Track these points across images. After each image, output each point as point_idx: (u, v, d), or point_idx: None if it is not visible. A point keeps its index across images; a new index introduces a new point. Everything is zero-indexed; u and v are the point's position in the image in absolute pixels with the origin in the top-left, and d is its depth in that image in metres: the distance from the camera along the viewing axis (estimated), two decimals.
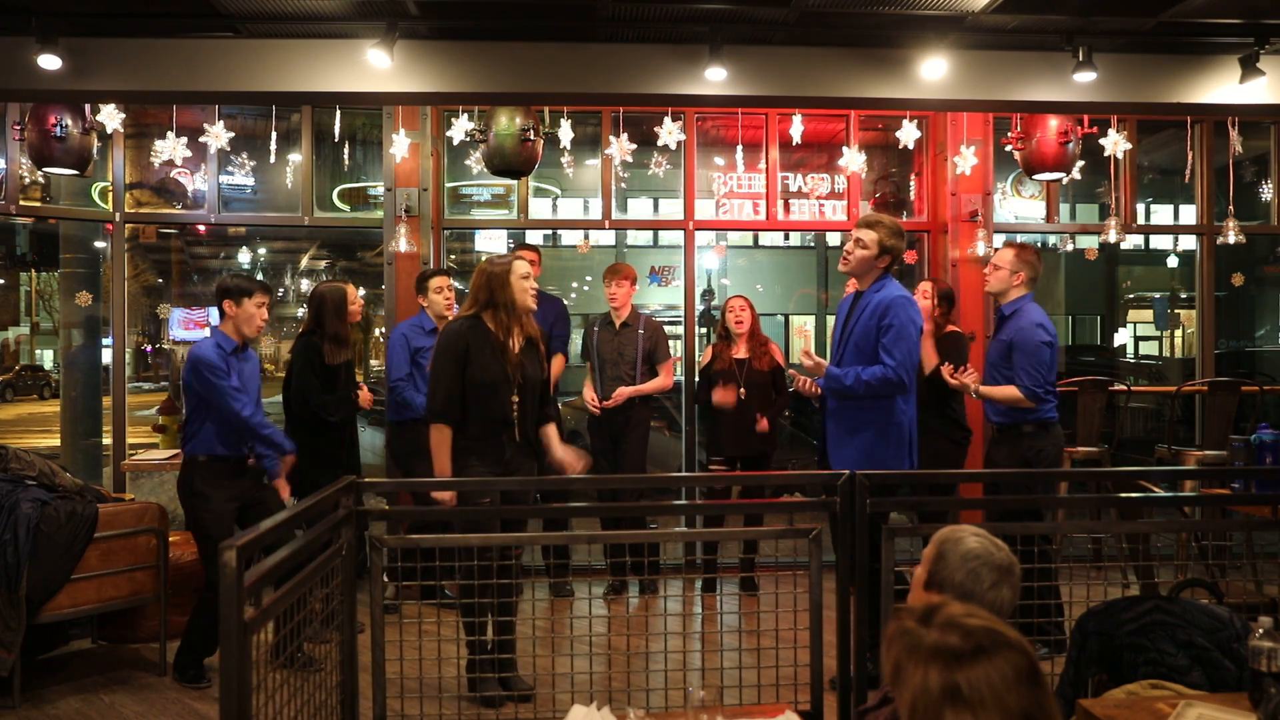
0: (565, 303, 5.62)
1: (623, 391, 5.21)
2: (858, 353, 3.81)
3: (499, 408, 3.67)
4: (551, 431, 3.92)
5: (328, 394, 4.49)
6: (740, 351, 5.26)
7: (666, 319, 5.70)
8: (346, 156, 5.96)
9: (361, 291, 5.32)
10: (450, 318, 4.96)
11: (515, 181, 6.06)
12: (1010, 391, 4.19)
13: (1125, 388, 5.81)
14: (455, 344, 3.67)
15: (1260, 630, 1.99)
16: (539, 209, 6.70)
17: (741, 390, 5.16)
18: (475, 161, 5.89)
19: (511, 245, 7.38)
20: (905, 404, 3.82)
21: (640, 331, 5.32)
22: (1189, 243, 7.14)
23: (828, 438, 3.93)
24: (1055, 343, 4.23)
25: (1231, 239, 5.85)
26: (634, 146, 5.47)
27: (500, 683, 3.68)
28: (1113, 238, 5.81)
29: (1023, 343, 4.17)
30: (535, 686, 3.67)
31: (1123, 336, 13.00)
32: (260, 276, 10.41)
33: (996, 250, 4.51)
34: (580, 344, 5.75)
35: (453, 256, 6.30)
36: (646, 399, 5.35)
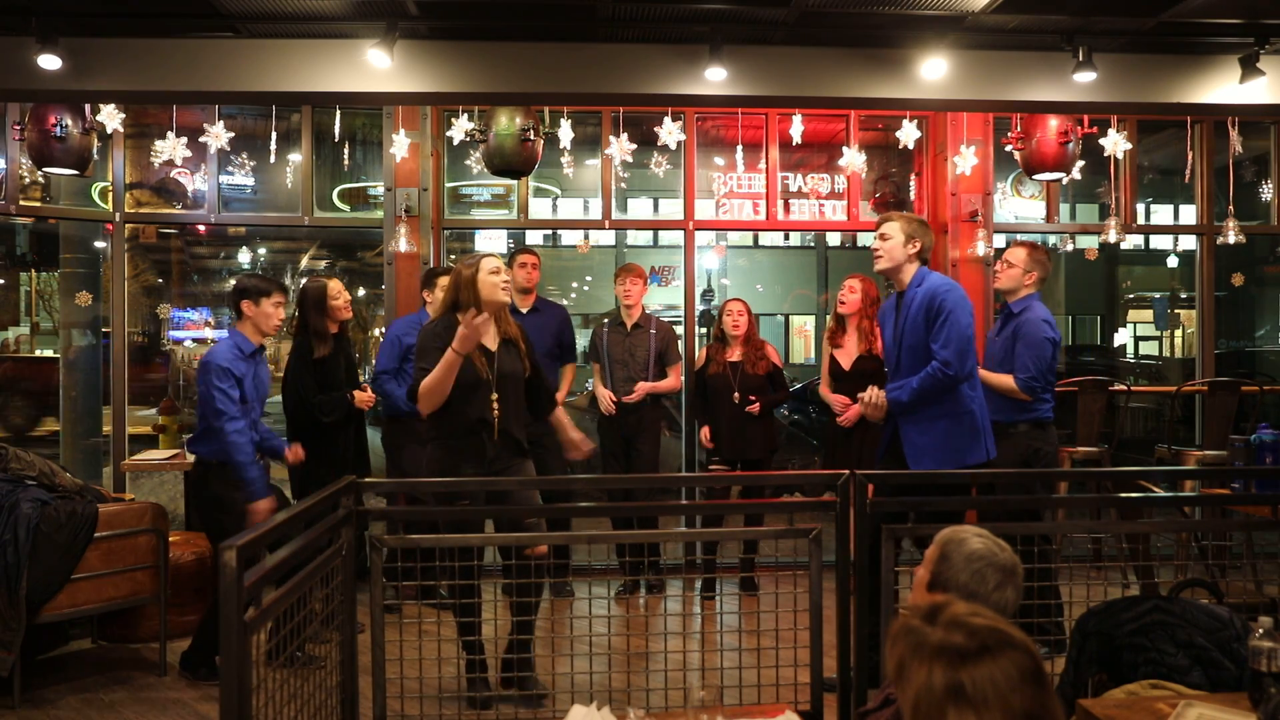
0: (565, 306, 5.61)
1: (642, 387, 5.20)
2: (913, 356, 3.70)
3: (477, 408, 3.66)
4: (561, 416, 3.94)
5: (322, 394, 4.46)
6: (735, 355, 5.25)
7: (666, 319, 5.68)
8: (346, 156, 5.95)
9: (361, 291, 5.30)
10: None
11: (515, 181, 6.05)
12: (1006, 380, 4.16)
13: (1125, 388, 5.80)
14: (434, 342, 3.61)
15: (1260, 630, 1.99)
16: (539, 209, 6.70)
17: (736, 394, 5.16)
18: (475, 161, 5.89)
19: (511, 245, 7.38)
20: (972, 390, 3.71)
21: (652, 332, 5.32)
22: (1189, 243, 7.14)
23: (904, 445, 3.73)
24: (1059, 342, 4.23)
25: (1231, 239, 5.84)
26: (634, 146, 5.46)
27: (514, 682, 3.64)
28: (1113, 238, 5.81)
29: (1027, 335, 4.16)
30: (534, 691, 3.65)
31: (1123, 336, 12.99)
32: None
33: (1008, 247, 4.44)
34: (587, 345, 5.72)
35: (453, 257, 6.30)
36: (657, 400, 5.34)
